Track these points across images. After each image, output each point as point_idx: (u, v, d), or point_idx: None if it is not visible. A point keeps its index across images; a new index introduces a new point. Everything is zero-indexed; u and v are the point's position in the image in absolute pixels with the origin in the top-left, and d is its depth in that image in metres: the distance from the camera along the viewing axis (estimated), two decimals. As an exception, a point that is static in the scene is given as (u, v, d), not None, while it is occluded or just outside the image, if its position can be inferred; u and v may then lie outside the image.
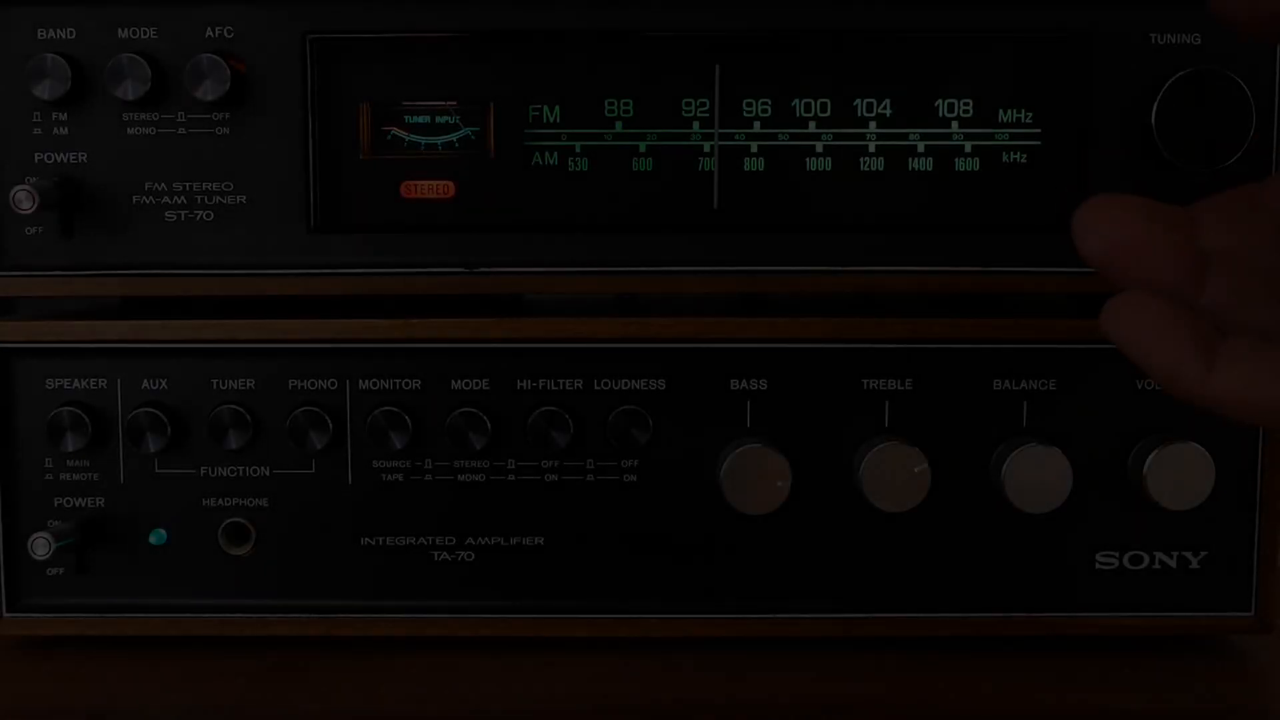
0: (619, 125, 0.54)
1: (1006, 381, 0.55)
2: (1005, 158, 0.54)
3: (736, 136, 0.54)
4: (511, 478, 0.56)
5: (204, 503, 0.56)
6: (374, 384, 0.55)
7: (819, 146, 0.54)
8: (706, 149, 0.54)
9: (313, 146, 0.54)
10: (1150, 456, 0.54)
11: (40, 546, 0.54)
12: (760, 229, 0.55)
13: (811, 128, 0.54)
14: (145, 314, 0.56)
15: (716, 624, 0.56)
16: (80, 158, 0.54)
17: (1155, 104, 0.52)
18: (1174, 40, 0.53)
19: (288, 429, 0.55)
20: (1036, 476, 0.54)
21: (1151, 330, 0.34)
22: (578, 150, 0.54)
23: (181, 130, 0.54)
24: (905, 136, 0.54)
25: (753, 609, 0.56)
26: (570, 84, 0.54)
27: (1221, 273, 0.35)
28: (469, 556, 0.56)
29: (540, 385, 0.55)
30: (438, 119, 0.54)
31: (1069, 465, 0.53)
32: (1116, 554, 0.56)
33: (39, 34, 0.53)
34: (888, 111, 0.54)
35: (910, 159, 0.54)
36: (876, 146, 0.54)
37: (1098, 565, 0.56)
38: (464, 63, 0.54)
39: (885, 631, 0.56)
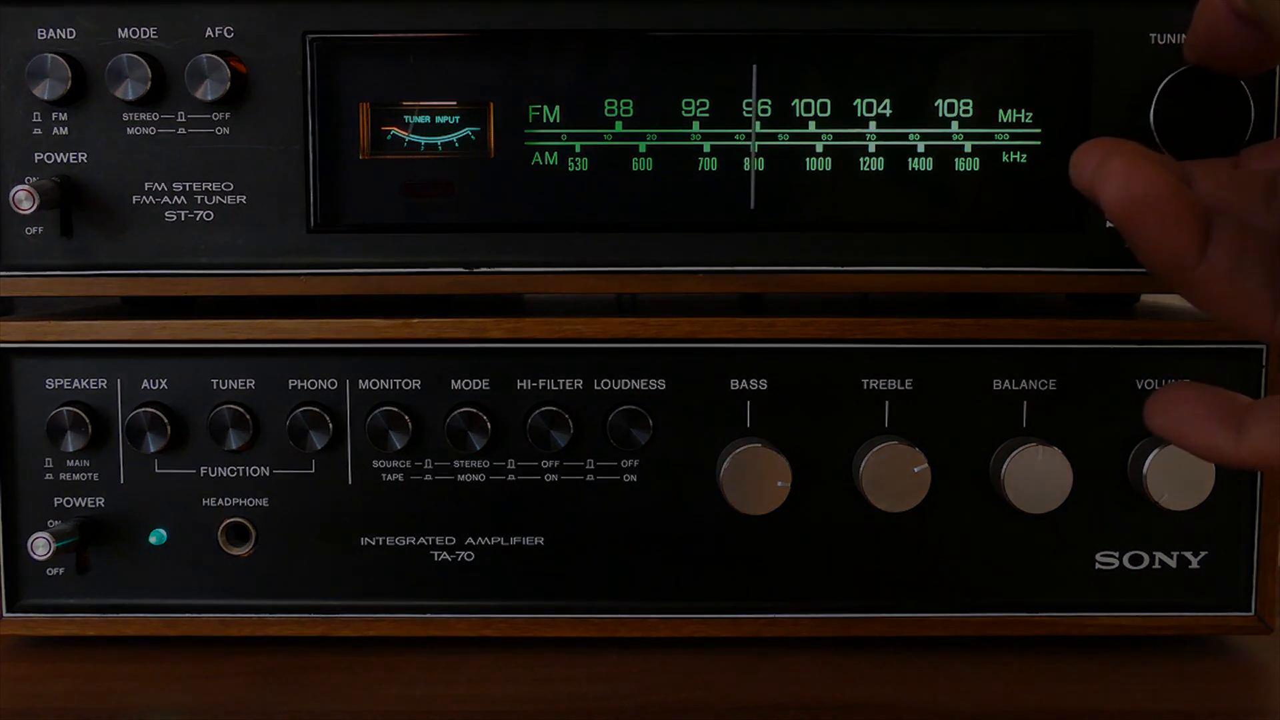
0: (618, 125, 0.54)
1: (1006, 381, 0.55)
2: (1005, 158, 0.54)
3: (736, 136, 0.54)
4: (511, 478, 0.56)
5: (204, 503, 0.56)
6: (374, 384, 0.55)
7: (819, 146, 0.54)
8: (706, 149, 0.54)
9: (313, 146, 0.54)
10: (1150, 456, 0.54)
11: (40, 546, 0.54)
12: (761, 229, 0.55)
13: (811, 128, 0.54)
14: (145, 314, 0.56)
15: (716, 624, 0.56)
16: (80, 158, 0.54)
17: (1154, 103, 0.52)
18: (1173, 40, 0.53)
19: (288, 429, 0.55)
20: (1036, 476, 0.54)
21: (1187, 420, 0.39)
22: (577, 150, 0.54)
23: (181, 130, 0.54)
24: (905, 136, 0.54)
25: (753, 609, 0.56)
26: (570, 84, 0.54)
27: (1220, 234, 0.37)
28: (469, 556, 0.56)
29: (540, 385, 0.55)
30: (438, 119, 0.54)
31: (1069, 465, 0.54)
32: (1116, 554, 0.56)
33: (39, 34, 0.53)
34: (887, 111, 0.54)
35: (910, 159, 0.54)
36: (876, 146, 0.54)
37: (1098, 565, 0.56)
38: (464, 63, 0.54)
39: (885, 631, 0.56)
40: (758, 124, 0.54)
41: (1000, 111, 0.54)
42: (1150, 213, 0.37)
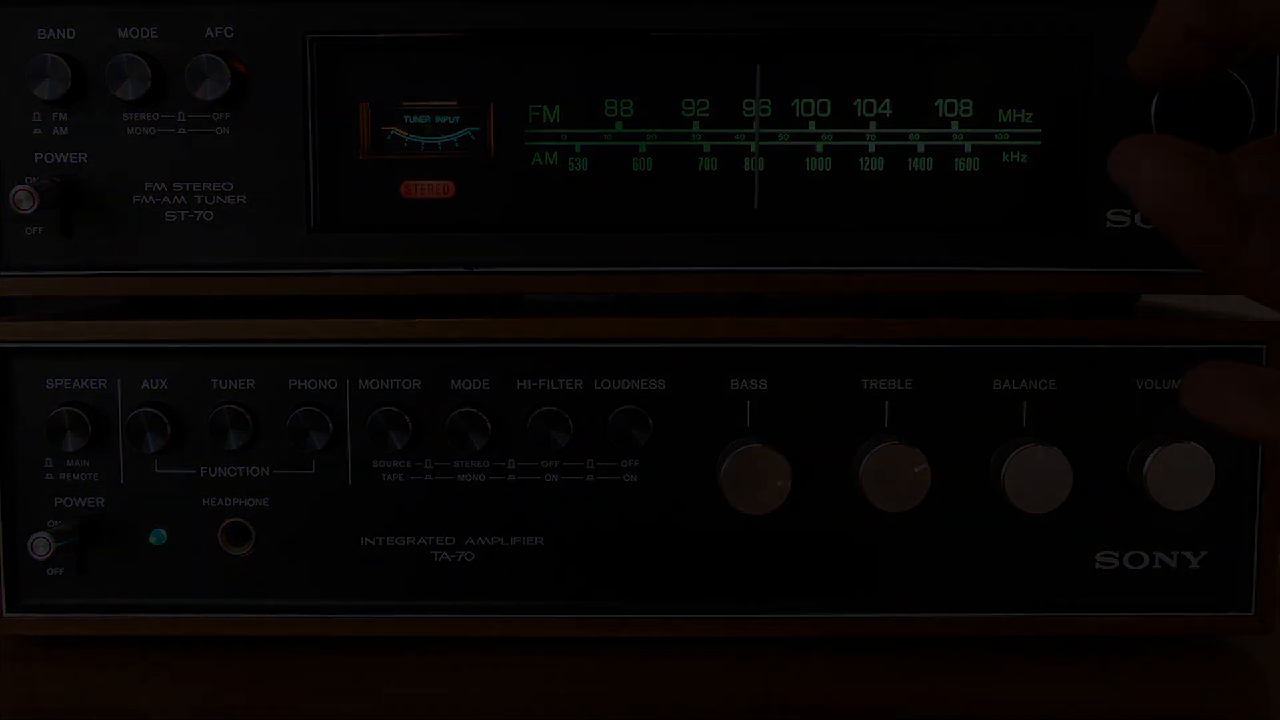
0: (619, 125, 0.54)
1: (1006, 381, 0.55)
2: (1005, 158, 0.54)
3: (737, 137, 0.54)
4: (511, 478, 0.56)
5: (204, 503, 0.56)
6: (374, 384, 0.55)
7: (819, 147, 0.54)
8: (707, 149, 0.54)
9: (313, 146, 0.54)
10: (1150, 456, 0.54)
11: (40, 546, 0.54)
12: (761, 228, 0.55)
13: (812, 128, 0.54)
14: (145, 314, 0.56)
15: (716, 624, 0.56)
16: (80, 158, 0.54)
17: (1154, 103, 0.52)
18: (1174, 40, 0.53)
19: (288, 429, 0.55)
20: (1036, 476, 0.54)
21: (1216, 398, 0.38)
22: (577, 150, 0.54)
23: (181, 130, 0.54)
24: (905, 136, 0.54)
25: (753, 609, 0.56)
26: (571, 84, 0.54)
27: (1263, 222, 0.36)
28: (469, 556, 0.56)
29: (540, 385, 0.55)
30: (438, 119, 0.54)
31: (1069, 465, 0.53)
32: (1116, 554, 0.56)
33: (39, 34, 0.53)
34: (888, 111, 0.54)
35: (910, 159, 0.54)
36: (877, 146, 0.54)
37: (1098, 565, 0.56)
38: (464, 63, 0.54)
39: (885, 632, 0.56)
40: (758, 124, 0.54)
41: (1000, 111, 0.54)
42: (1181, 213, 0.36)
